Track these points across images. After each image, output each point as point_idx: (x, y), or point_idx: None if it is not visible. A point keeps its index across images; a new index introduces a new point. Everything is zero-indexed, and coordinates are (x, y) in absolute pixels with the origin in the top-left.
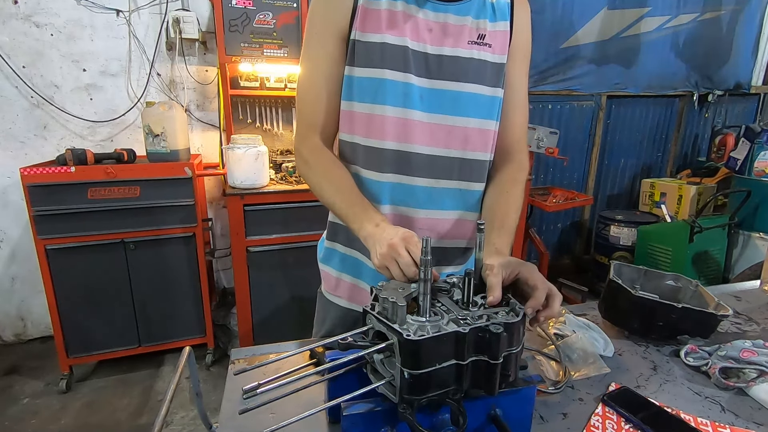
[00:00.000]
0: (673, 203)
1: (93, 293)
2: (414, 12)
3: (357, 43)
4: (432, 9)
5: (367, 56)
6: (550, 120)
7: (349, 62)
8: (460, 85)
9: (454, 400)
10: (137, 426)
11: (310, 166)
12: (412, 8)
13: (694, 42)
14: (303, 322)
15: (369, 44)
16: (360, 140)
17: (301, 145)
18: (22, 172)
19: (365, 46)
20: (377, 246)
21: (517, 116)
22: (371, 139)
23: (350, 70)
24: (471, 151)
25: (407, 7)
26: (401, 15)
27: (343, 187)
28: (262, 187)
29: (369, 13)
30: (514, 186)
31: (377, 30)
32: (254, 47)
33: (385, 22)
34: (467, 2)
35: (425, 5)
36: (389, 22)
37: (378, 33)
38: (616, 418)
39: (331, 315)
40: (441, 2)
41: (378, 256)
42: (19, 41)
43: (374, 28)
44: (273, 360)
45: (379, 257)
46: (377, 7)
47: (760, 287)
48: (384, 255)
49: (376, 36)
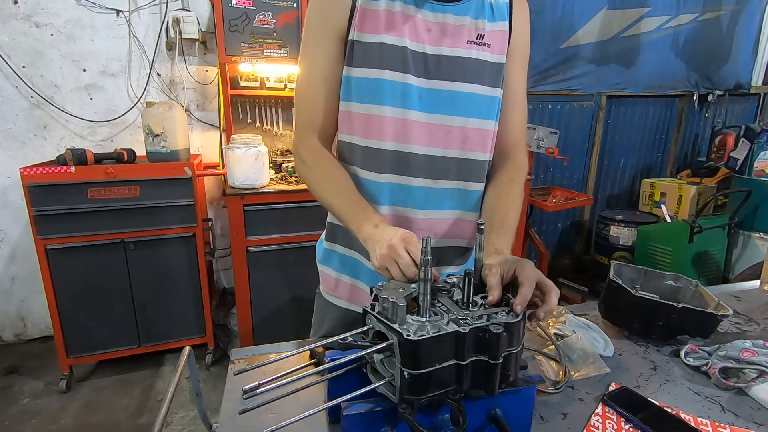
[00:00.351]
0: (673, 203)
1: (93, 293)
2: (412, 12)
3: (355, 43)
4: (430, 9)
5: (365, 57)
6: (550, 120)
7: (348, 62)
8: (459, 85)
9: (454, 400)
10: (137, 426)
11: (309, 166)
12: (410, 8)
13: (694, 42)
14: (303, 322)
15: (367, 45)
16: (358, 141)
17: (299, 146)
18: (22, 172)
19: (363, 47)
20: (376, 247)
21: (516, 116)
22: (370, 139)
23: (348, 70)
24: (469, 151)
25: (405, 7)
26: (400, 15)
27: (341, 188)
28: (262, 187)
29: (367, 14)
30: (513, 186)
31: (376, 30)
32: (254, 47)
33: (383, 23)
34: (466, 2)
35: (424, 5)
36: (388, 23)
37: (376, 33)
38: (616, 418)
39: (330, 315)
40: (439, 2)
41: (377, 257)
42: (19, 41)
43: (373, 28)
44: (273, 360)
45: (379, 258)
46: (376, 8)
47: (760, 287)
48: (384, 256)
49: (375, 36)
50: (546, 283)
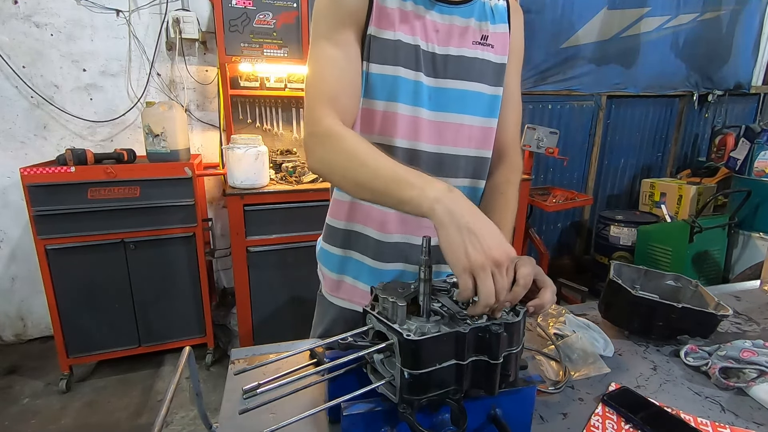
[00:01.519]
0: (673, 203)
1: (93, 293)
2: (422, 12)
3: (372, 38)
4: (438, 11)
5: (382, 53)
6: (550, 120)
7: (365, 58)
8: (464, 84)
9: (454, 400)
10: (137, 426)
11: (336, 138)
12: (420, 9)
13: (694, 42)
14: (303, 322)
15: (384, 41)
16: (372, 138)
17: (316, 126)
18: (22, 172)
19: (380, 43)
20: (468, 238)
21: (511, 116)
22: (384, 136)
23: (366, 65)
24: (475, 148)
25: (416, 7)
26: (411, 15)
27: (381, 155)
28: (262, 187)
29: (383, 10)
30: (509, 187)
31: (391, 27)
32: (254, 47)
33: (397, 20)
34: (470, 5)
35: (433, 7)
36: (402, 21)
37: (392, 30)
38: (616, 418)
39: (330, 316)
40: (446, 5)
41: (471, 257)
42: (19, 41)
43: (388, 25)
44: (273, 360)
45: (476, 262)
46: (390, 5)
47: (760, 287)
48: (487, 262)
49: (390, 33)
50: (542, 280)
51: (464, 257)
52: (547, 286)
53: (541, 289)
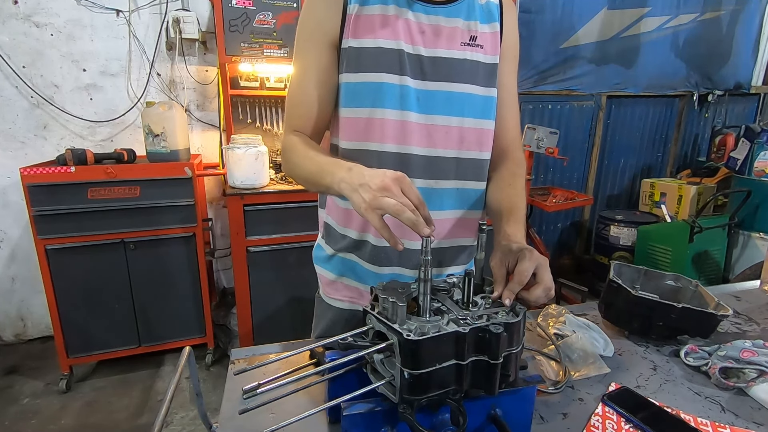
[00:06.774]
0: (673, 203)
1: (93, 293)
2: (406, 15)
3: (351, 50)
4: (423, 11)
5: (363, 62)
6: (550, 120)
7: (346, 69)
8: (454, 86)
9: (454, 400)
10: (137, 426)
11: (288, 150)
12: (403, 11)
13: (694, 42)
14: (303, 322)
15: (364, 50)
16: (360, 145)
17: (282, 143)
18: (22, 172)
19: (360, 52)
20: (360, 190)
21: (510, 116)
22: (372, 142)
23: (346, 77)
24: (467, 150)
25: (399, 10)
26: (393, 19)
27: (315, 154)
28: (262, 187)
29: (361, 20)
30: (516, 179)
31: (371, 35)
32: (254, 47)
33: (378, 26)
34: (456, 5)
35: (416, 8)
36: (383, 27)
37: (372, 38)
38: (616, 418)
39: (329, 317)
40: (431, 5)
41: (364, 199)
42: (19, 41)
43: (368, 33)
44: (273, 360)
45: (368, 199)
46: (370, 12)
47: (760, 287)
48: (373, 196)
49: (370, 41)
50: (539, 275)
51: (362, 202)
52: (540, 283)
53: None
